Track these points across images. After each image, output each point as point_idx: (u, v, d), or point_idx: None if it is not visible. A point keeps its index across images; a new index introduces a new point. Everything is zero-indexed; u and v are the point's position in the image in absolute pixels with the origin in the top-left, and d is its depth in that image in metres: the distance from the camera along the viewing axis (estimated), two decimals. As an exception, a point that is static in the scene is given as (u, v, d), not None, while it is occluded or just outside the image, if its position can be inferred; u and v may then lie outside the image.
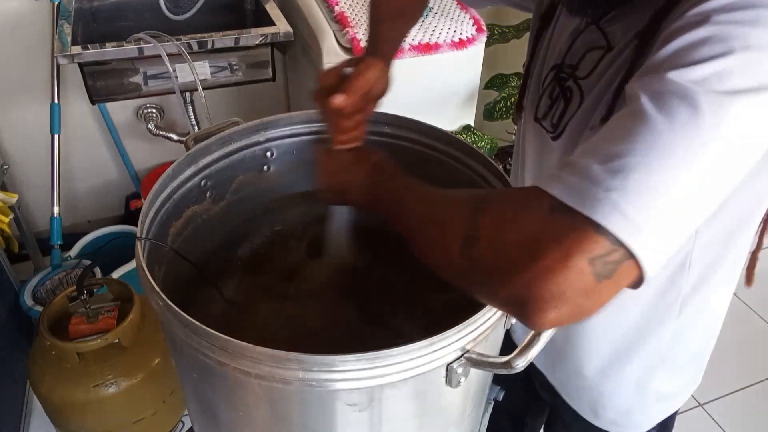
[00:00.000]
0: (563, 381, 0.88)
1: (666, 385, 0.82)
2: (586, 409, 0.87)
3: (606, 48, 0.62)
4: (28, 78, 1.82)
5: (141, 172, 2.13)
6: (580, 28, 0.65)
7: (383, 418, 0.60)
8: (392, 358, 0.52)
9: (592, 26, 0.63)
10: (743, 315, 2.09)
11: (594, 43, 0.63)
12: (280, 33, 1.61)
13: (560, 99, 0.68)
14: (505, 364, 0.55)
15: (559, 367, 0.87)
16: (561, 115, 0.68)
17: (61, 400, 1.28)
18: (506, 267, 0.45)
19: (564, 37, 0.68)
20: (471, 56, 1.75)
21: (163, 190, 0.74)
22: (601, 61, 0.62)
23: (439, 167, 0.83)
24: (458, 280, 0.52)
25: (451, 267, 0.51)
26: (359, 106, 0.69)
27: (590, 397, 0.85)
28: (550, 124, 0.70)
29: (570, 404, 0.89)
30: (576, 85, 0.66)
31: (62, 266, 1.76)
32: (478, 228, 0.48)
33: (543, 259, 0.43)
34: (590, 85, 0.64)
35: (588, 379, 0.83)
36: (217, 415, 0.67)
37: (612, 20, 0.62)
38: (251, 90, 1.95)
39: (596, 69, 0.63)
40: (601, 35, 0.62)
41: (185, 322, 0.55)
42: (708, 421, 1.76)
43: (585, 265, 0.42)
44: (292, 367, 0.52)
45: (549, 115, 0.71)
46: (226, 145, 0.81)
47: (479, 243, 0.48)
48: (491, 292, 0.48)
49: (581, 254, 0.42)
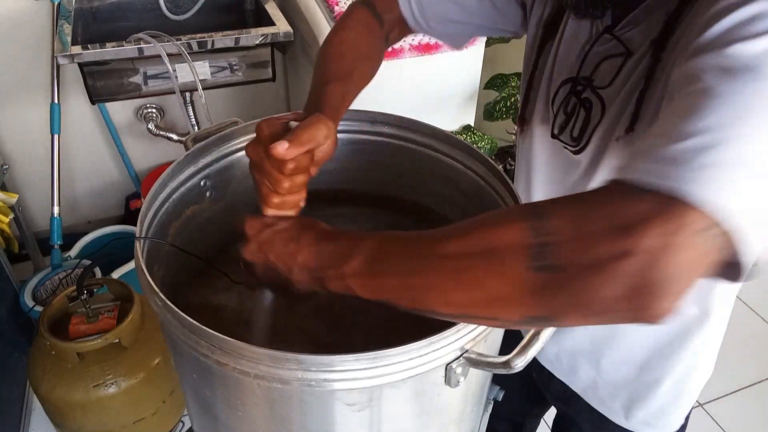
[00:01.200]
0: (594, 382, 0.87)
1: (698, 380, 0.82)
2: (617, 410, 0.86)
3: (626, 55, 0.61)
4: (28, 78, 1.82)
5: (141, 172, 2.13)
6: (592, 39, 0.65)
7: (382, 418, 0.60)
8: (391, 358, 0.52)
9: (606, 35, 0.63)
10: (743, 315, 2.09)
11: (610, 51, 0.63)
12: (280, 33, 1.61)
13: (579, 111, 0.67)
14: (504, 363, 0.55)
15: (591, 368, 0.85)
16: (583, 128, 0.67)
17: (61, 400, 1.29)
18: (602, 260, 0.39)
19: (574, 51, 0.68)
20: (471, 56, 1.75)
21: (163, 190, 0.74)
22: (622, 68, 0.62)
23: (439, 167, 0.83)
24: (532, 307, 0.43)
25: (519, 294, 0.43)
26: (302, 163, 0.58)
27: (626, 395, 0.84)
28: (570, 138, 0.69)
29: (597, 408, 0.88)
30: (595, 96, 0.65)
31: (62, 266, 1.76)
32: (546, 233, 0.42)
33: (646, 240, 0.38)
34: (612, 94, 0.63)
35: (626, 375, 0.82)
36: (217, 415, 0.67)
37: (626, 27, 0.62)
38: (251, 90, 1.95)
39: (618, 77, 0.62)
40: (618, 43, 0.62)
41: (184, 323, 0.55)
42: (708, 421, 1.76)
43: (691, 240, 0.38)
44: (291, 367, 0.52)
45: (567, 129, 0.70)
46: (226, 145, 0.81)
47: (557, 247, 0.41)
48: (589, 297, 0.40)
49: (685, 229, 0.38)
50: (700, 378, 0.83)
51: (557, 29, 0.71)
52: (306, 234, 0.57)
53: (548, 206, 0.44)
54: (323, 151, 0.61)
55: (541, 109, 0.74)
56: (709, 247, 0.39)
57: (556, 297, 0.42)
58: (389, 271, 0.49)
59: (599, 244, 0.40)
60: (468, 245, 0.45)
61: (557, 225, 0.42)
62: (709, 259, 0.40)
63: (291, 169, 0.58)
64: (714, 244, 0.39)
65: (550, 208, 0.44)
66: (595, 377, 0.86)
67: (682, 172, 0.39)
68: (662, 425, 0.85)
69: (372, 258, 0.50)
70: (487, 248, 0.44)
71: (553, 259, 0.41)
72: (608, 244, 0.39)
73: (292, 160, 0.57)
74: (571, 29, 0.69)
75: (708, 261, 0.40)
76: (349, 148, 0.87)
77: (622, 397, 0.85)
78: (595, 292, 0.40)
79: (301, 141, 0.57)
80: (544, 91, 0.73)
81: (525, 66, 0.79)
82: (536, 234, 0.42)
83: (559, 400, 0.93)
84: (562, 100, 0.69)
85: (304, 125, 0.58)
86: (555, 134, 0.72)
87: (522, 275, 0.42)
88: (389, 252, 0.50)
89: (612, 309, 0.41)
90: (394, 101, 1.70)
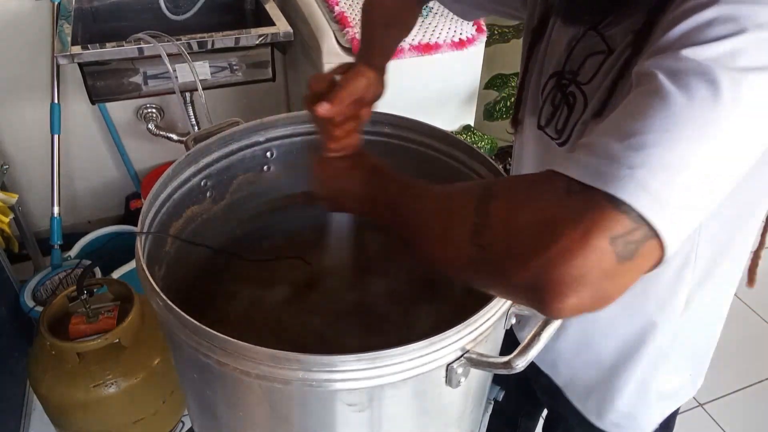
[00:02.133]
0: (571, 380, 0.88)
1: (666, 384, 0.82)
2: (591, 410, 0.87)
3: (607, 52, 0.62)
4: (28, 78, 1.82)
5: (141, 172, 2.13)
6: (579, 35, 0.65)
7: (383, 418, 0.60)
8: (392, 358, 0.52)
9: (591, 32, 0.63)
10: (743, 315, 2.09)
11: (594, 48, 0.63)
12: (280, 33, 1.61)
13: (563, 105, 0.68)
14: (505, 364, 0.55)
15: (568, 365, 0.86)
16: (566, 121, 0.68)
17: (61, 400, 1.28)
18: (520, 251, 0.43)
19: (561, 46, 0.68)
20: (471, 56, 1.75)
21: (163, 190, 0.74)
22: (603, 65, 0.62)
23: (439, 167, 0.83)
24: (468, 273, 0.50)
25: (460, 259, 0.49)
26: (349, 113, 0.67)
27: (597, 396, 0.85)
28: (555, 130, 0.70)
29: (575, 405, 0.88)
30: (579, 90, 0.66)
31: (62, 266, 1.76)
32: (488, 214, 0.46)
33: (561, 240, 0.41)
34: (593, 89, 0.64)
35: (596, 377, 0.82)
36: (217, 415, 0.67)
37: (610, 24, 0.62)
38: (251, 90, 1.95)
39: (598, 73, 0.63)
40: (601, 40, 0.62)
41: (185, 323, 0.55)
42: (708, 421, 1.76)
43: (606, 245, 0.40)
44: (292, 367, 0.52)
45: (552, 122, 0.70)
46: (226, 145, 0.81)
47: (491, 229, 0.46)
48: (504, 280, 0.45)
49: (602, 233, 0.40)
50: (669, 383, 0.82)
51: (545, 30, 0.72)
52: (353, 174, 0.68)
53: (497, 188, 0.49)
54: (369, 97, 0.71)
55: (530, 103, 0.75)
56: (623, 251, 0.40)
57: (482, 271, 0.48)
58: (396, 212, 0.59)
59: (522, 236, 0.43)
60: (438, 208, 0.54)
61: (496, 209, 0.46)
62: (624, 262, 0.41)
63: (339, 121, 0.67)
64: (630, 248, 0.41)
65: (496, 190, 0.49)
66: (572, 375, 0.87)
67: (615, 171, 0.41)
68: (634, 427, 0.85)
69: (390, 201, 0.61)
70: (448, 215, 0.51)
71: (485, 239, 0.46)
72: (529, 237, 0.43)
73: (339, 113, 0.65)
74: (559, 28, 0.69)
75: (623, 264, 0.41)
76: (350, 148, 0.87)
77: (594, 398, 0.85)
78: (507, 277, 0.45)
79: (341, 98, 0.65)
80: (534, 87, 0.74)
81: (520, 71, 0.79)
82: (481, 213, 0.47)
83: (546, 393, 0.94)
84: (548, 92, 0.70)
85: (344, 81, 0.67)
86: (541, 125, 0.72)
87: (464, 245, 0.47)
88: (404, 197, 0.59)
89: (519, 296, 0.47)
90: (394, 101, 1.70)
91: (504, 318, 0.61)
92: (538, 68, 0.73)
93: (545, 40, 0.71)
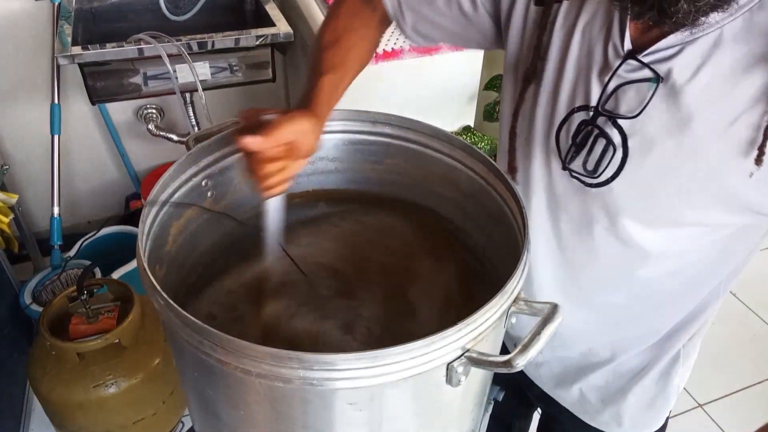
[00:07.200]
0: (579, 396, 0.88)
1: (678, 379, 0.83)
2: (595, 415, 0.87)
3: (657, 81, 0.57)
4: (28, 78, 1.82)
5: (141, 173, 2.13)
6: (612, 65, 0.60)
7: (383, 417, 0.60)
8: (392, 357, 0.52)
9: (631, 61, 0.58)
10: (743, 316, 2.09)
11: (636, 78, 0.59)
12: (280, 33, 1.61)
13: (596, 142, 0.63)
14: (505, 363, 0.55)
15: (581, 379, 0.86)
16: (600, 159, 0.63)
17: (61, 400, 1.28)
18: None
19: (582, 80, 0.64)
20: (471, 57, 1.75)
21: (165, 190, 0.74)
22: (653, 97, 0.58)
23: (439, 167, 0.83)
24: None
25: None
26: (278, 155, 0.63)
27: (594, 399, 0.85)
28: (584, 169, 0.66)
29: (569, 408, 0.88)
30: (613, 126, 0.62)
31: (62, 266, 1.76)
32: None
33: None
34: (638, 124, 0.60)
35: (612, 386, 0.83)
36: (218, 415, 0.67)
37: (660, 52, 0.57)
38: (251, 90, 1.95)
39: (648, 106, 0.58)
40: (647, 69, 0.57)
41: (186, 321, 0.56)
42: (708, 422, 1.76)
43: None
44: (293, 365, 0.52)
45: (579, 159, 0.66)
46: (226, 145, 0.81)
47: None
48: None
49: None
50: (684, 374, 0.83)
51: (533, 77, 0.69)
52: None
53: None
54: (304, 146, 0.64)
55: (539, 147, 0.71)
56: None
57: None
58: None
59: None
60: None
61: None
62: None
63: (266, 159, 0.62)
64: None
65: None
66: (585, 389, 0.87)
67: None
68: (633, 425, 0.86)
69: None
70: None
71: None
72: None
73: (262, 150, 0.61)
74: (574, 55, 0.65)
75: None
76: (350, 148, 0.87)
77: (606, 407, 0.86)
78: None
79: (270, 136, 0.60)
80: (541, 128, 0.70)
81: (505, 118, 0.77)
82: None
83: (540, 401, 0.94)
84: (574, 130, 0.65)
85: (277, 122, 0.61)
86: (567, 166, 0.68)
87: None
88: None
89: None
90: (395, 101, 1.71)
91: (504, 317, 0.61)
92: (546, 105, 0.69)
93: (539, 83, 0.68)
